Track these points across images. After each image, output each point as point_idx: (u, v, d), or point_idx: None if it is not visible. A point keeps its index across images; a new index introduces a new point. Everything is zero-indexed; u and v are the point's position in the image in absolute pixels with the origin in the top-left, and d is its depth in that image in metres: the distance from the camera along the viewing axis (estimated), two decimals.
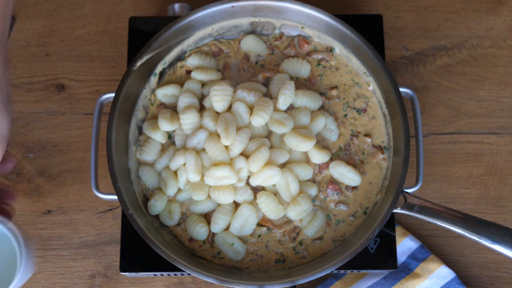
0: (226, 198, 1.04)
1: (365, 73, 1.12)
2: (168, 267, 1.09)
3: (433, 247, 1.22)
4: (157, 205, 1.07)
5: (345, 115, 1.12)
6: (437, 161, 1.25)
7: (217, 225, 1.05)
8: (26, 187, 1.25)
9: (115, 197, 1.11)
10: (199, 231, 1.06)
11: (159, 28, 1.11)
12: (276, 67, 1.14)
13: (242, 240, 1.06)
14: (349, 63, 1.13)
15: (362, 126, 1.11)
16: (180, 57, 1.14)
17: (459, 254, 1.21)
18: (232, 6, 1.10)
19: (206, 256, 1.06)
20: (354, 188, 1.08)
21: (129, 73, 1.07)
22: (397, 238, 1.19)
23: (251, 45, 1.14)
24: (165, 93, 1.11)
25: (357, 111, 1.12)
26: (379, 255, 1.08)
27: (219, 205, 1.06)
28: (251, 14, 1.12)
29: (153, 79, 1.12)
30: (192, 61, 1.12)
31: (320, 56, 1.14)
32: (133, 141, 1.09)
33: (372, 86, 1.12)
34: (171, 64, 1.13)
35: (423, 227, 1.23)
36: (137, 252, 1.09)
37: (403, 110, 1.06)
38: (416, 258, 1.18)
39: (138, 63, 1.08)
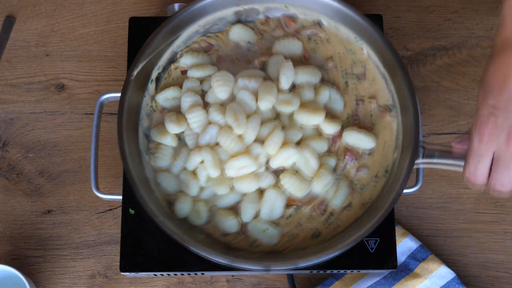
0: (250, 187, 1.04)
1: (355, 38, 1.12)
2: (168, 267, 1.08)
3: (433, 247, 1.22)
4: (183, 207, 1.06)
5: (346, 83, 1.12)
6: None
7: (247, 214, 1.05)
8: (26, 187, 1.25)
9: (115, 197, 1.11)
10: (231, 224, 1.05)
11: None
12: (268, 50, 1.14)
13: (274, 223, 1.06)
14: (338, 32, 1.13)
15: (364, 91, 1.11)
16: (173, 59, 1.13)
17: (459, 254, 1.21)
18: None
19: (243, 247, 1.06)
20: (370, 151, 1.08)
21: (128, 84, 1.06)
22: (397, 238, 1.19)
23: (240, 34, 1.14)
24: (165, 97, 1.11)
25: (357, 77, 1.12)
26: (379, 255, 1.08)
27: (244, 195, 1.06)
28: (234, 4, 1.12)
29: (151, 86, 1.11)
30: (185, 61, 1.12)
31: (309, 32, 1.14)
32: (144, 150, 1.09)
33: (366, 50, 1.12)
34: (165, 68, 1.13)
35: (423, 227, 1.23)
36: (137, 252, 1.09)
37: (401, 67, 1.06)
38: (416, 258, 1.19)
39: (135, 72, 1.07)
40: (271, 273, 0.99)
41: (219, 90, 1.06)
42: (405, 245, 1.19)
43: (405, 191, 1.11)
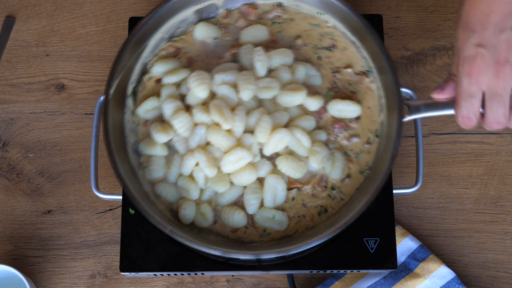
0: (249, 178, 1.04)
1: (318, 12, 1.13)
2: (168, 267, 1.09)
3: (433, 247, 1.22)
4: (188, 213, 1.05)
5: (319, 58, 1.12)
6: (437, 161, 1.25)
7: (252, 206, 1.05)
8: (26, 187, 1.25)
9: (115, 197, 1.11)
10: (238, 218, 1.05)
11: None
12: (236, 41, 1.14)
13: (280, 209, 1.06)
14: (300, 10, 1.14)
15: (338, 61, 1.12)
16: (144, 71, 1.12)
17: (459, 254, 1.21)
18: (174, 2, 1.10)
19: (254, 239, 1.06)
20: (357, 118, 1.09)
21: (107, 104, 1.05)
22: (397, 238, 1.19)
23: (204, 32, 1.14)
24: (145, 108, 1.09)
25: (328, 49, 1.13)
26: (379, 255, 1.08)
27: (245, 187, 1.06)
28: (192, 3, 1.12)
29: (129, 101, 1.10)
30: (157, 69, 1.11)
31: (271, 15, 1.15)
32: (136, 166, 1.08)
33: (331, 21, 1.13)
34: (139, 81, 1.12)
35: (423, 227, 1.23)
36: (137, 252, 1.09)
37: (369, 30, 1.07)
38: (416, 258, 1.19)
39: (111, 91, 1.05)
40: (291, 253, 1.00)
41: (198, 90, 1.06)
42: (405, 245, 1.19)
43: (405, 191, 1.11)
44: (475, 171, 1.25)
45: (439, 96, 1.00)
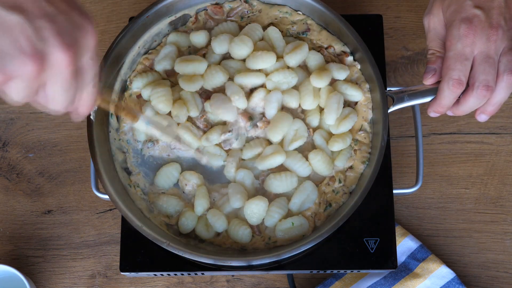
0: (306, 171, 1.04)
1: (290, 11, 1.13)
2: (168, 267, 1.08)
3: (433, 247, 1.22)
4: (188, 223, 1.04)
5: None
6: (437, 161, 1.25)
7: (272, 218, 1.03)
8: (26, 187, 1.25)
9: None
10: (244, 234, 1.03)
11: None
12: (208, 42, 1.13)
13: (295, 214, 1.05)
14: (269, 2, 1.14)
15: (317, 42, 1.12)
16: (124, 88, 1.11)
17: (459, 254, 1.21)
18: (147, 17, 1.09)
19: (260, 247, 1.04)
20: (356, 103, 1.09)
21: (91, 126, 1.04)
22: (397, 238, 1.19)
23: (177, 42, 1.13)
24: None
25: (303, 34, 1.13)
26: (379, 255, 1.08)
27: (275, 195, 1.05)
28: (165, 15, 1.12)
29: (113, 120, 1.09)
30: (137, 85, 1.10)
31: (239, 11, 1.14)
32: (126, 184, 1.08)
33: (302, 12, 1.13)
34: (120, 99, 1.11)
35: (423, 227, 1.23)
36: (137, 252, 1.09)
37: (336, 16, 1.08)
38: (416, 258, 1.19)
39: (93, 112, 1.05)
40: (283, 257, 0.99)
41: (158, 102, 1.05)
42: (405, 245, 1.19)
43: (405, 191, 1.11)
44: (475, 171, 1.25)
45: (433, 79, 1.01)
